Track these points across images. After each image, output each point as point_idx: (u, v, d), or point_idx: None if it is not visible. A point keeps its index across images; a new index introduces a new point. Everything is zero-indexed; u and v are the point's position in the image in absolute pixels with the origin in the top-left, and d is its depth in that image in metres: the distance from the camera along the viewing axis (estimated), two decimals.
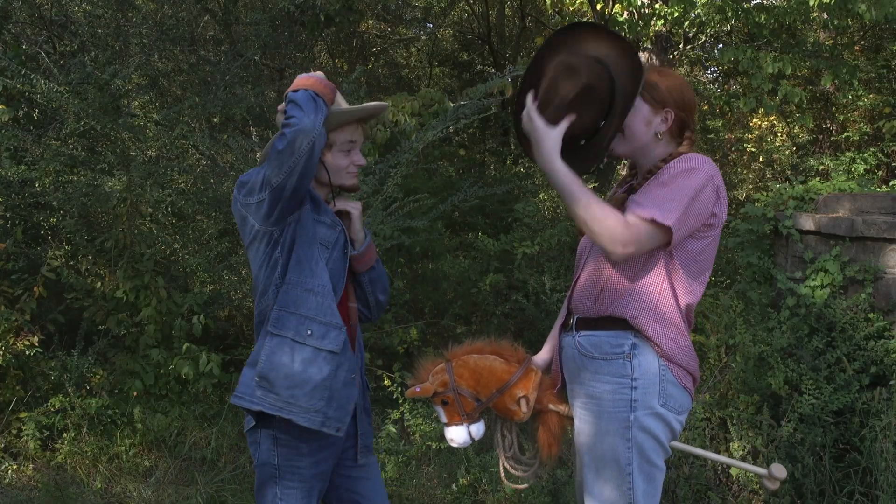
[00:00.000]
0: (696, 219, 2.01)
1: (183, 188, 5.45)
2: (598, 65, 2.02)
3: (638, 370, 2.04)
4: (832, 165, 6.38)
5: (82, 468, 3.99)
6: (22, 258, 4.58)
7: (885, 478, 3.29)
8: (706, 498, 3.53)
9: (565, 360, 2.20)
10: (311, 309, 2.09)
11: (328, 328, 2.09)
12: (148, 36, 6.01)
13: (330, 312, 2.10)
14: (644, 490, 2.06)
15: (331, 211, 2.23)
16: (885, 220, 3.70)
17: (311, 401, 2.06)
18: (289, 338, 2.07)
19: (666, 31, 7.38)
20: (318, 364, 2.07)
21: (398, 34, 10.64)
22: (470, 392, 2.17)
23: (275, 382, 2.05)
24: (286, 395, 2.05)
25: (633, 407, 2.03)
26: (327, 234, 2.18)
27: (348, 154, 2.22)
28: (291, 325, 2.08)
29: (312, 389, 2.06)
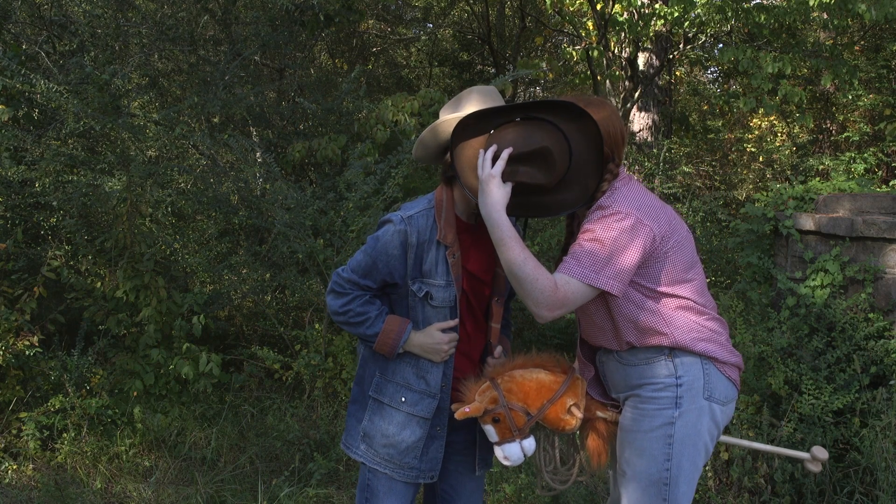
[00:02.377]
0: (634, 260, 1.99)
1: (183, 188, 5.46)
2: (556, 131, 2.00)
3: (681, 368, 2.09)
4: (832, 165, 6.38)
5: (82, 468, 3.99)
6: (22, 258, 4.58)
7: (885, 478, 3.29)
8: (706, 498, 3.53)
9: (608, 372, 2.23)
10: (407, 377, 2.24)
11: (421, 396, 2.24)
12: (148, 36, 6.01)
13: (421, 382, 2.24)
14: (684, 491, 2.09)
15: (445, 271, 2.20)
16: (885, 220, 3.70)
17: (405, 458, 2.25)
18: (385, 403, 2.26)
19: (666, 31, 7.38)
20: (412, 428, 2.24)
21: (398, 34, 10.63)
22: (520, 406, 2.14)
23: (374, 440, 2.26)
24: (383, 452, 2.25)
25: (678, 404, 2.07)
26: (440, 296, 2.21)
27: None
28: (388, 392, 2.26)
29: (405, 450, 2.24)
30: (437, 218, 2.17)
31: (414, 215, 2.17)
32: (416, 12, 10.29)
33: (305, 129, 6.23)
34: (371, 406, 2.28)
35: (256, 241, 5.70)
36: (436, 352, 2.19)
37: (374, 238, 2.19)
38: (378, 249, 2.17)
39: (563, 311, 1.98)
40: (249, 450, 4.15)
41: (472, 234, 2.23)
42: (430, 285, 2.18)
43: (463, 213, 2.22)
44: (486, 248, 2.23)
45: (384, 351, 2.19)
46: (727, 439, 2.31)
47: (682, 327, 2.07)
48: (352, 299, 2.18)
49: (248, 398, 4.72)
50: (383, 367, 2.26)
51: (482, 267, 2.25)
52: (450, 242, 2.16)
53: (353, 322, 2.19)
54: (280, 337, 5.13)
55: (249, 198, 5.23)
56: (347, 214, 4.58)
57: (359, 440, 2.29)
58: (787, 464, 3.46)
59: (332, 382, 4.65)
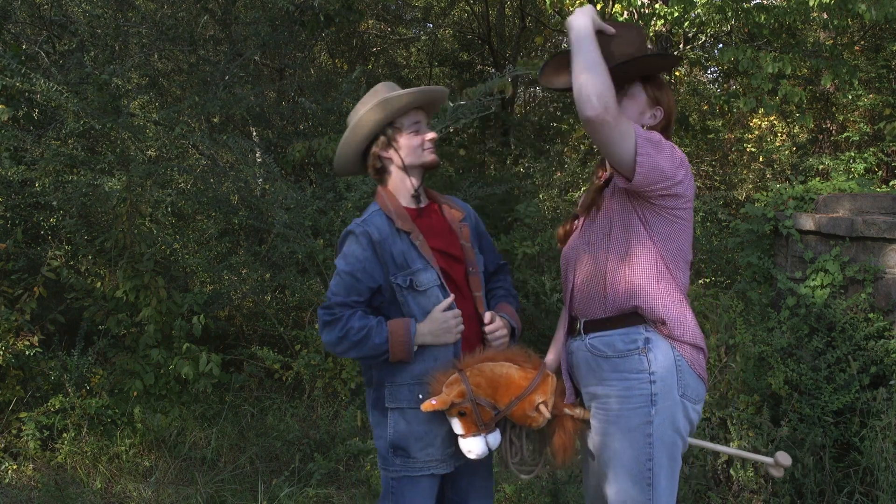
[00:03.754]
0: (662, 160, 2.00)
1: (183, 188, 5.45)
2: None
3: (654, 363, 2.06)
4: (832, 165, 6.38)
5: (82, 468, 3.99)
6: (22, 258, 4.58)
7: (885, 478, 3.29)
8: (706, 498, 3.53)
9: (577, 364, 2.21)
10: (417, 374, 2.22)
11: None
12: (147, 36, 6.01)
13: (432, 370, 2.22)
14: (665, 487, 2.07)
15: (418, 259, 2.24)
16: (885, 220, 3.70)
17: (447, 450, 2.25)
18: (406, 407, 2.24)
19: (666, 31, 7.37)
20: (438, 419, 2.22)
21: (398, 34, 10.63)
22: (487, 401, 2.13)
23: (409, 448, 2.23)
24: (423, 455, 2.23)
25: (654, 401, 2.05)
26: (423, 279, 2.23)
27: (418, 132, 2.28)
28: (404, 395, 2.24)
29: (443, 442, 2.23)
30: (388, 213, 2.24)
31: (367, 218, 2.25)
32: (416, 12, 10.29)
33: (305, 129, 6.23)
34: (392, 416, 2.25)
35: (256, 241, 5.70)
36: (447, 331, 2.18)
37: (342, 256, 2.24)
38: (350, 261, 2.21)
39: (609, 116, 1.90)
40: (249, 450, 4.15)
41: (423, 217, 2.31)
42: (411, 273, 2.21)
43: (406, 200, 2.30)
44: (441, 226, 2.32)
45: (401, 354, 2.16)
46: (692, 441, 2.30)
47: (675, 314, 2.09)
48: (346, 319, 2.17)
49: (248, 398, 4.72)
50: (391, 376, 2.24)
51: (446, 242, 2.30)
52: (409, 228, 2.23)
53: (357, 340, 2.16)
54: (280, 337, 5.13)
55: (249, 198, 5.23)
56: (347, 214, 4.58)
57: (391, 457, 2.25)
58: None
59: (332, 382, 4.65)
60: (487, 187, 5.25)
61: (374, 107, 2.22)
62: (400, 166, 2.27)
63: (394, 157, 2.27)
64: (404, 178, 2.28)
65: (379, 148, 2.27)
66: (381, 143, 2.26)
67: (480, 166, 9.26)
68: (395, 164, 2.28)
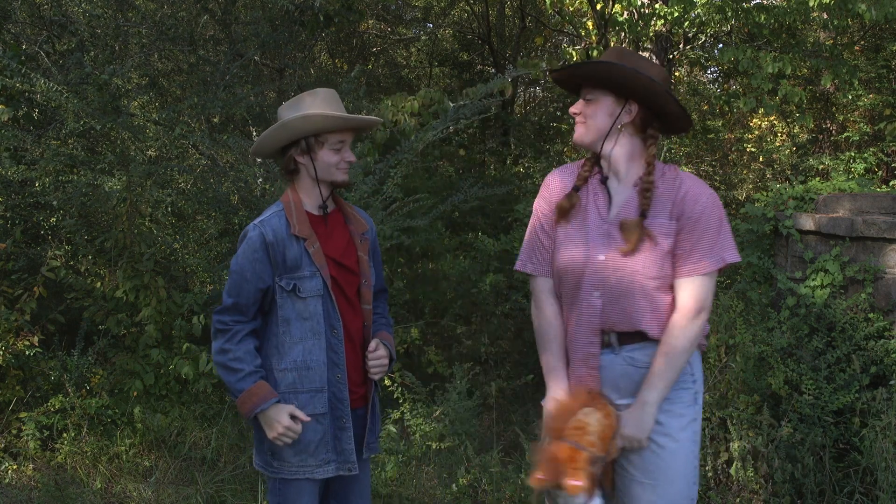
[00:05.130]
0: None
1: (183, 188, 5.45)
2: None
3: (695, 365, 2.17)
4: (832, 165, 6.38)
5: (82, 468, 3.99)
6: (22, 258, 4.58)
7: (885, 478, 3.29)
8: (706, 498, 3.52)
9: (614, 378, 2.16)
10: (290, 384, 2.28)
11: (311, 395, 2.29)
12: (147, 36, 6.01)
13: (307, 381, 2.28)
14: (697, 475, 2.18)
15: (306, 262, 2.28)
16: (885, 220, 3.70)
17: (321, 455, 2.30)
18: None
19: (666, 31, 7.37)
20: (313, 427, 2.28)
21: (398, 34, 10.63)
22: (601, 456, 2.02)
23: (283, 454, 2.29)
24: (296, 461, 2.29)
25: (696, 400, 2.15)
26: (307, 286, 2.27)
27: (339, 152, 2.32)
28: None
29: (316, 449, 2.29)
30: (289, 216, 2.28)
31: (265, 219, 2.29)
32: (416, 12, 10.29)
33: None
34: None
35: None
36: (272, 428, 2.22)
37: (235, 256, 2.29)
38: (241, 261, 2.26)
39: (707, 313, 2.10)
40: (249, 450, 4.15)
41: (324, 225, 2.34)
42: (297, 278, 2.25)
43: (312, 207, 2.34)
44: (342, 235, 2.37)
45: (242, 410, 2.24)
46: None
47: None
48: (232, 336, 2.23)
49: None
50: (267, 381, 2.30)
51: (341, 252, 2.34)
52: (306, 234, 2.26)
53: (228, 367, 2.22)
54: None
55: (249, 198, 5.23)
56: None
57: (269, 458, 2.32)
58: (787, 464, 3.46)
59: None
60: (487, 187, 5.25)
61: (305, 117, 2.24)
62: (312, 176, 2.31)
63: (308, 166, 2.30)
64: (314, 187, 2.33)
65: (297, 153, 2.30)
66: (300, 148, 2.30)
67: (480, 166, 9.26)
68: (308, 173, 2.31)
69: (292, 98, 2.36)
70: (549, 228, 2.20)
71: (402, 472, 3.91)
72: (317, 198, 2.34)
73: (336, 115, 2.26)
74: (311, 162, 2.30)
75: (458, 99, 5.21)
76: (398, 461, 3.91)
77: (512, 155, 9.09)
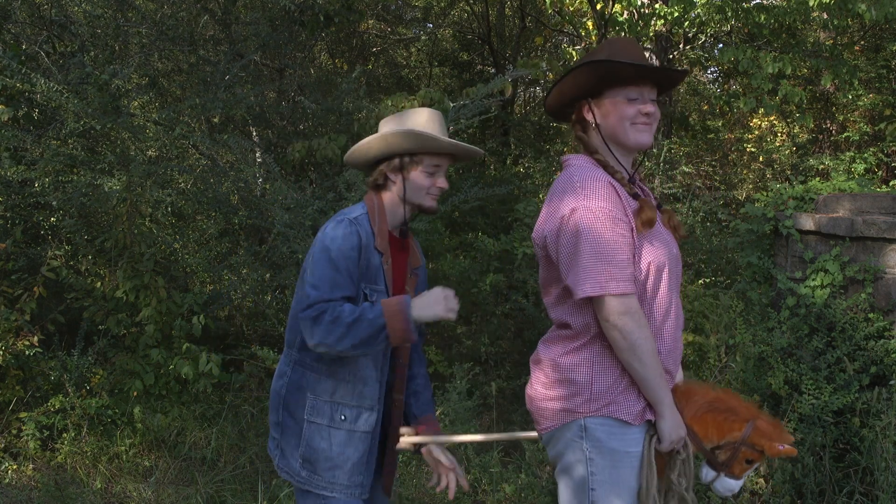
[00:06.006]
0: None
1: (183, 188, 5.45)
2: None
3: None
4: (832, 165, 6.38)
5: (82, 468, 3.99)
6: (22, 258, 4.58)
7: (885, 478, 3.29)
8: (706, 498, 3.52)
9: None
10: (344, 395, 2.18)
11: (360, 411, 2.20)
12: (148, 36, 6.01)
13: (360, 396, 2.19)
14: None
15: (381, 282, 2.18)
16: (885, 220, 3.70)
17: (353, 477, 2.20)
18: (324, 424, 2.19)
19: (666, 31, 7.38)
20: (354, 444, 2.19)
21: (398, 34, 10.63)
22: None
23: (317, 465, 2.18)
24: (328, 476, 2.18)
25: None
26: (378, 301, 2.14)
27: (432, 175, 2.22)
28: (325, 412, 2.18)
29: (352, 468, 2.20)
30: (372, 224, 2.18)
31: (359, 217, 2.17)
32: (416, 12, 10.29)
33: (305, 129, 6.23)
34: (308, 430, 2.18)
35: (256, 241, 5.71)
36: (437, 301, 2.07)
37: (324, 249, 2.10)
38: (337, 255, 2.09)
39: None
40: (249, 450, 4.15)
41: (395, 246, 2.25)
42: (375, 291, 2.15)
43: (391, 224, 2.24)
44: (401, 264, 2.27)
45: (400, 332, 2.04)
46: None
47: None
48: (334, 306, 2.04)
49: (248, 398, 4.72)
50: (316, 388, 2.18)
51: (402, 278, 2.27)
52: (383, 250, 2.18)
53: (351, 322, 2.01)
54: (280, 337, 5.13)
55: (249, 198, 5.23)
56: None
57: (299, 466, 2.19)
58: (787, 464, 3.46)
59: None
60: (488, 187, 5.25)
61: (408, 135, 2.16)
62: (399, 196, 2.22)
63: (398, 184, 2.21)
64: (398, 206, 2.23)
65: (389, 168, 2.21)
66: (393, 165, 2.21)
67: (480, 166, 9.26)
68: (397, 191, 2.22)
69: (397, 112, 2.27)
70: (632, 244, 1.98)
71: (402, 472, 3.91)
72: (398, 218, 2.24)
73: (435, 137, 2.16)
74: (401, 181, 2.21)
75: (458, 99, 5.21)
76: (398, 461, 3.91)
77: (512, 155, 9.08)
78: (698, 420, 2.05)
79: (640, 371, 1.93)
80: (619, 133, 2.05)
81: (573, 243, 1.94)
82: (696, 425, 2.05)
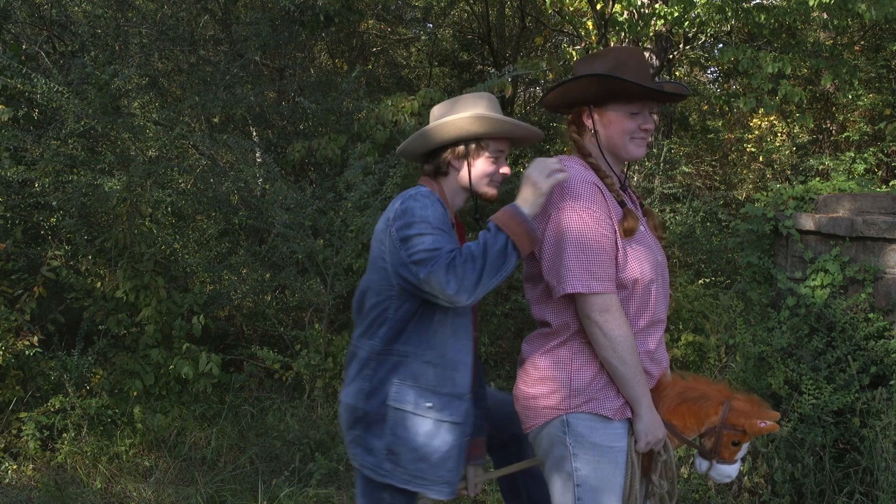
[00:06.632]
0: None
1: (183, 188, 5.45)
2: None
3: None
4: (832, 165, 6.38)
5: (82, 468, 3.99)
6: (22, 258, 4.58)
7: (885, 478, 3.29)
8: (706, 499, 3.53)
9: None
10: (431, 381, 2.07)
11: (449, 399, 2.08)
12: (148, 36, 6.01)
13: (450, 382, 2.08)
14: None
15: None
16: (885, 220, 3.70)
17: (439, 472, 2.07)
18: (409, 412, 2.06)
19: (666, 31, 7.38)
20: (442, 436, 2.06)
21: (398, 34, 10.63)
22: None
23: (401, 457, 2.06)
24: (412, 468, 2.05)
25: None
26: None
27: (495, 161, 2.18)
28: (411, 398, 2.07)
29: (438, 462, 2.06)
30: (445, 204, 2.13)
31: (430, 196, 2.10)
32: (416, 12, 10.29)
33: (305, 129, 6.23)
34: (392, 417, 2.06)
35: (256, 241, 5.71)
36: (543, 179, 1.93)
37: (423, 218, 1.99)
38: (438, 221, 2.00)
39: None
40: (249, 450, 4.15)
41: (459, 232, 2.22)
42: None
43: (454, 207, 2.22)
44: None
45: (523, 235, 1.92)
46: None
47: None
48: (458, 252, 1.92)
49: (248, 398, 4.72)
50: (403, 373, 2.07)
51: None
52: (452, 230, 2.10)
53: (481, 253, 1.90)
54: (280, 337, 5.13)
55: (249, 198, 5.24)
56: (346, 214, 4.58)
57: (383, 458, 2.07)
58: (787, 464, 3.46)
59: (332, 382, 4.64)
60: None
61: (474, 119, 2.09)
62: (463, 183, 2.17)
63: (462, 172, 2.16)
64: (459, 194, 2.19)
65: (453, 156, 2.16)
66: (458, 152, 2.15)
67: None
68: (461, 179, 2.16)
69: (448, 100, 2.21)
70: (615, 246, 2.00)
71: None
72: (456, 206, 2.20)
73: (506, 119, 2.11)
74: (466, 169, 2.15)
75: None
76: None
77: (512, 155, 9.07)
78: (674, 412, 2.05)
79: (620, 368, 1.96)
80: (618, 145, 2.08)
81: (557, 242, 1.97)
82: (674, 418, 2.05)
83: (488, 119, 2.10)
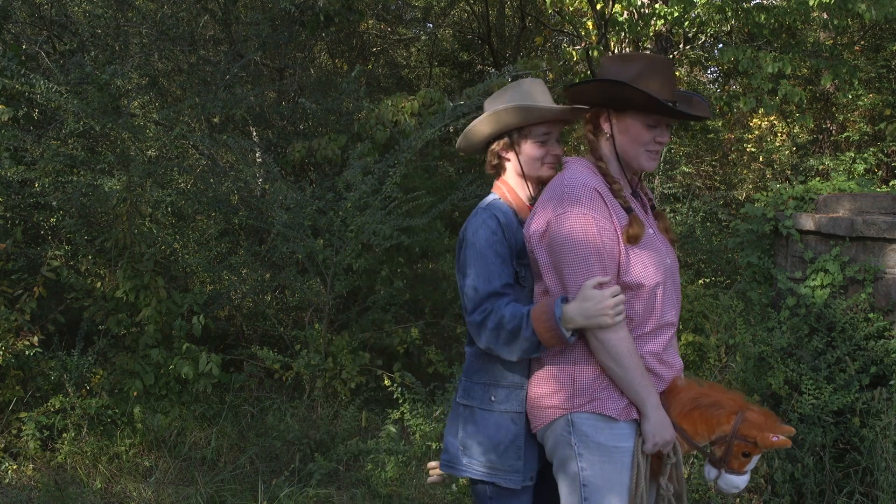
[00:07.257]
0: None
1: (183, 188, 5.46)
2: None
3: None
4: (832, 165, 6.38)
5: (82, 468, 3.99)
6: (22, 258, 4.58)
7: (885, 478, 3.29)
8: (706, 498, 3.53)
9: None
10: (494, 376, 2.16)
11: (511, 390, 2.15)
12: (148, 36, 6.02)
13: (509, 373, 2.15)
14: None
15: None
16: (885, 220, 3.70)
17: (508, 461, 2.13)
18: (476, 407, 2.17)
19: (666, 31, 7.38)
20: (506, 426, 2.14)
21: (398, 34, 10.63)
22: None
23: (472, 450, 2.16)
24: (484, 459, 2.14)
25: None
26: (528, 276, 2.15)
27: (544, 144, 2.20)
28: (476, 394, 2.17)
29: (505, 451, 2.13)
30: (510, 204, 2.21)
31: (491, 202, 2.22)
32: (416, 12, 10.29)
33: (305, 129, 6.23)
34: (462, 414, 2.19)
35: (256, 241, 5.71)
36: (601, 312, 1.91)
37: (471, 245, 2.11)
38: (483, 245, 2.09)
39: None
40: (249, 450, 4.15)
41: None
42: (521, 265, 2.14)
43: (525, 198, 2.24)
44: None
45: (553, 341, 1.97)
46: None
47: None
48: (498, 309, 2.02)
49: (248, 398, 4.72)
50: (468, 370, 2.20)
51: None
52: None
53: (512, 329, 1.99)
54: (280, 337, 5.13)
55: (249, 198, 5.24)
56: (346, 214, 4.58)
57: (460, 454, 2.18)
58: (787, 464, 3.46)
59: (332, 382, 4.65)
60: (487, 186, 5.25)
61: (511, 110, 2.14)
62: (518, 172, 2.22)
63: (513, 161, 2.22)
64: (521, 184, 2.24)
65: (500, 147, 2.23)
66: (503, 143, 2.21)
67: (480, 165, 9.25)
68: (514, 168, 2.23)
69: (499, 90, 2.25)
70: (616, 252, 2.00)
71: (402, 472, 3.91)
72: (526, 194, 2.24)
73: (537, 106, 2.13)
74: (516, 157, 2.21)
75: (458, 99, 5.21)
76: (398, 461, 3.91)
77: None
78: (685, 417, 2.05)
79: (617, 371, 1.97)
80: (631, 155, 2.07)
81: (555, 246, 1.99)
82: (685, 423, 2.05)
83: (519, 110, 2.13)
